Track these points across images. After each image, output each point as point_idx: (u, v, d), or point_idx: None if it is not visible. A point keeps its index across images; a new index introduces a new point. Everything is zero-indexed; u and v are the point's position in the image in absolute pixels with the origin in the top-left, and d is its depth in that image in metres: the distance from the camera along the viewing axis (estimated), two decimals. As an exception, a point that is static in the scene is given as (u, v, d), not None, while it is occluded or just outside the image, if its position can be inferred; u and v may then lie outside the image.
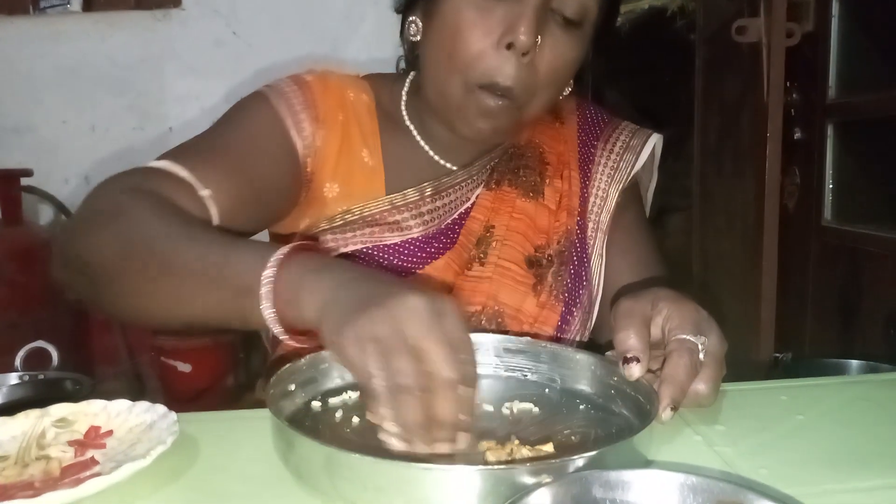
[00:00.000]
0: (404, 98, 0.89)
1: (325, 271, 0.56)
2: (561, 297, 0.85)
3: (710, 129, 2.75)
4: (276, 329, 0.56)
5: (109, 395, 0.63)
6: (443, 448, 0.49)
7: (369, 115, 0.86)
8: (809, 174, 2.21)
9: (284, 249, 0.57)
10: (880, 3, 1.98)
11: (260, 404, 0.60)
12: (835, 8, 2.09)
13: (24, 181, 2.43)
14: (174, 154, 0.75)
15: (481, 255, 0.83)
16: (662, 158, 0.96)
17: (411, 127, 0.87)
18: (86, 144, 2.69)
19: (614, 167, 0.89)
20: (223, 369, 2.59)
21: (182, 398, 2.55)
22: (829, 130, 2.12)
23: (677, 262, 3.12)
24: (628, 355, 0.58)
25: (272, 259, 0.56)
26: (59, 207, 2.60)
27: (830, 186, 2.14)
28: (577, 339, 0.86)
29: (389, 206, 0.82)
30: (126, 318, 0.70)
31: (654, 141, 0.92)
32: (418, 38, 0.81)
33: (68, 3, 2.79)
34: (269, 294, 0.55)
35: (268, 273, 0.55)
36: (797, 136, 2.27)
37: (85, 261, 0.66)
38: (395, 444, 0.49)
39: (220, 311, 0.61)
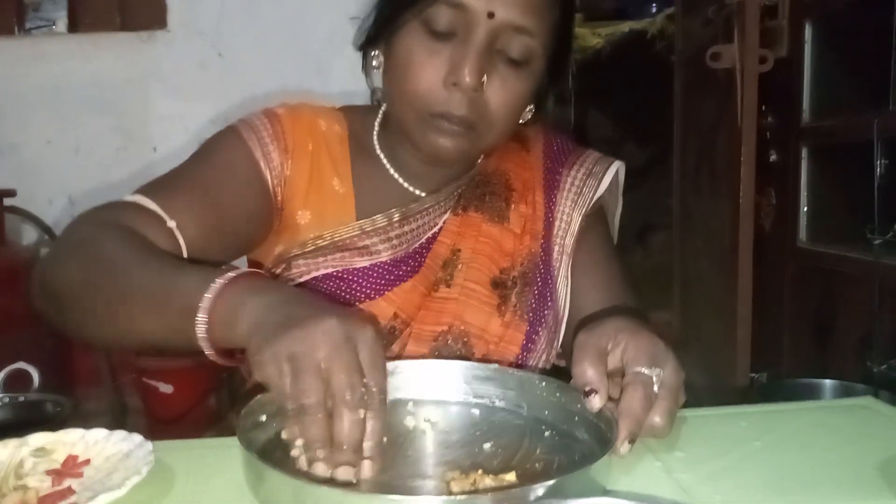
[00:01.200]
0: (376, 128, 0.92)
1: (262, 294, 0.60)
2: (526, 316, 0.87)
3: (688, 150, 2.80)
4: (208, 350, 0.61)
5: (91, 417, 0.65)
6: (344, 474, 0.52)
7: (341, 145, 0.90)
8: (785, 196, 2.26)
9: (230, 274, 0.61)
10: (852, 30, 2.03)
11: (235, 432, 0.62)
12: (808, 34, 2.14)
13: (8, 201, 2.43)
14: (146, 188, 0.80)
15: (448, 278, 0.86)
16: (645, 177, 0.98)
17: (382, 156, 0.90)
18: (70, 165, 2.70)
19: (577, 192, 0.92)
20: (205, 390, 2.59)
21: (164, 419, 2.54)
22: (804, 153, 2.17)
23: (660, 280, 3.16)
24: (587, 388, 0.60)
25: (215, 282, 0.60)
26: (43, 228, 2.60)
27: (805, 209, 2.18)
28: (544, 357, 0.88)
29: (359, 232, 0.85)
30: (89, 340, 0.75)
31: (616, 167, 0.95)
32: (380, 69, 0.86)
33: (53, 24, 2.81)
34: (205, 316, 0.59)
35: (208, 296, 0.60)
36: (773, 158, 2.32)
37: (54, 288, 0.72)
38: (301, 462, 0.52)
39: (167, 333, 0.65)
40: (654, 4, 4.15)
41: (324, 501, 0.48)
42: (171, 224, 0.75)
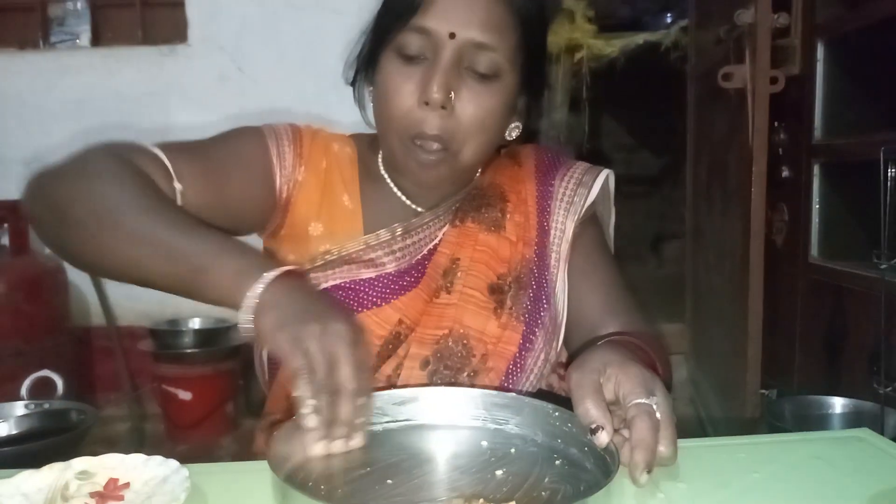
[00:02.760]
0: (381, 154, 0.99)
1: (293, 292, 0.68)
2: (521, 317, 0.93)
3: (701, 164, 2.82)
4: (248, 335, 0.68)
5: (112, 423, 0.68)
6: (339, 446, 0.64)
7: (351, 166, 0.98)
8: (797, 211, 2.28)
9: (276, 272, 0.69)
10: (864, 49, 2.05)
11: (262, 454, 0.66)
12: (820, 52, 2.17)
13: (32, 212, 2.49)
14: (163, 145, 0.86)
15: (448, 285, 0.93)
16: (659, 185, 1.01)
17: (386, 176, 0.98)
18: (92, 176, 2.76)
19: (569, 202, 0.98)
20: (223, 397, 2.64)
21: (182, 425, 2.60)
22: (816, 170, 2.19)
23: (672, 290, 3.18)
24: (593, 426, 0.64)
25: (264, 278, 0.68)
26: (66, 237, 2.66)
27: (817, 225, 2.21)
28: (543, 356, 0.93)
29: (365, 246, 0.93)
30: (78, 262, 0.79)
31: (605, 176, 1.00)
32: (372, 103, 0.93)
33: (77, 38, 2.88)
34: (250, 309, 0.67)
35: (258, 288, 0.67)
36: (785, 174, 2.34)
37: (59, 200, 0.76)
38: (310, 421, 0.62)
39: (177, 288, 0.73)
40: (668, 15, 4.17)
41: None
42: (178, 187, 0.82)
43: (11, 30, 2.80)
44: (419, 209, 0.96)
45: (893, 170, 1.62)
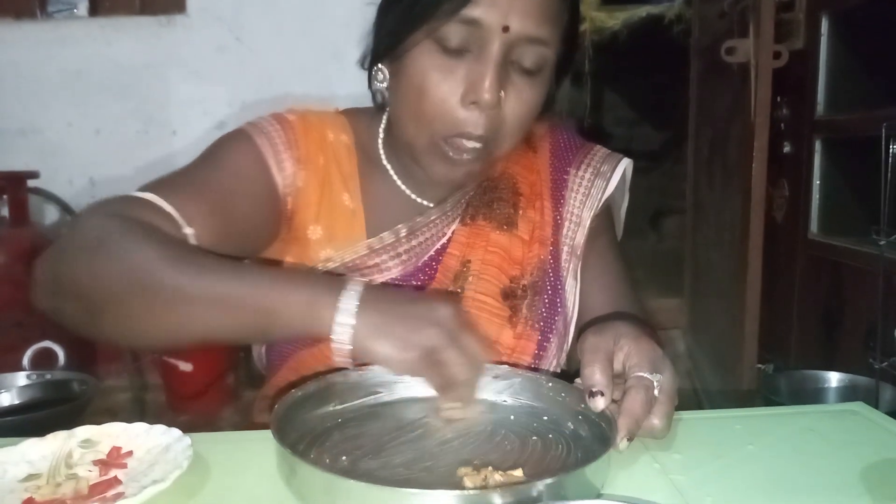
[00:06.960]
0: (381, 136, 0.92)
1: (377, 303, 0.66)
2: (537, 326, 0.89)
3: (702, 139, 2.82)
4: (343, 358, 0.66)
5: (113, 393, 0.67)
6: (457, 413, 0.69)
7: (349, 157, 0.91)
8: (798, 187, 2.28)
9: (357, 292, 0.65)
10: (868, 24, 2.04)
11: (260, 426, 0.67)
12: (824, 27, 2.15)
13: (30, 183, 2.49)
14: (157, 186, 0.78)
15: (459, 290, 0.88)
16: (660, 160, 0.99)
17: (388, 166, 0.91)
18: (91, 147, 2.75)
19: (586, 193, 0.94)
20: (224, 368, 2.65)
21: (183, 396, 2.62)
22: (818, 146, 2.18)
23: (671, 265, 3.19)
24: (593, 389, 0.64)
25: (350, 297, 0.65)
26: (64, 208, 2.66)
27: (817, 201, 2.21)
28: (555, 363, 0.91)
29: (368, 251, 0.87)
30: (126, 341, 0.72)
31: (624, 166, 0.96)
32: (385, 84, 0.85)
33: (75, 7, 2.85)
34: (346, 334, 0.64)
35: (346, 318, 0.64)
36: (787, 149, 2.34)
37: (80, 286, 0.68)
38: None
39: (243, 334, 0.70)
40: (672, -12, 4.13)
41: (353, 493, 0.52)
42: (188, 231, 0.75)
43: (8, -1, 2.76)
44: (425, 202, 0.91)
45: (895, 146, 1.62)
